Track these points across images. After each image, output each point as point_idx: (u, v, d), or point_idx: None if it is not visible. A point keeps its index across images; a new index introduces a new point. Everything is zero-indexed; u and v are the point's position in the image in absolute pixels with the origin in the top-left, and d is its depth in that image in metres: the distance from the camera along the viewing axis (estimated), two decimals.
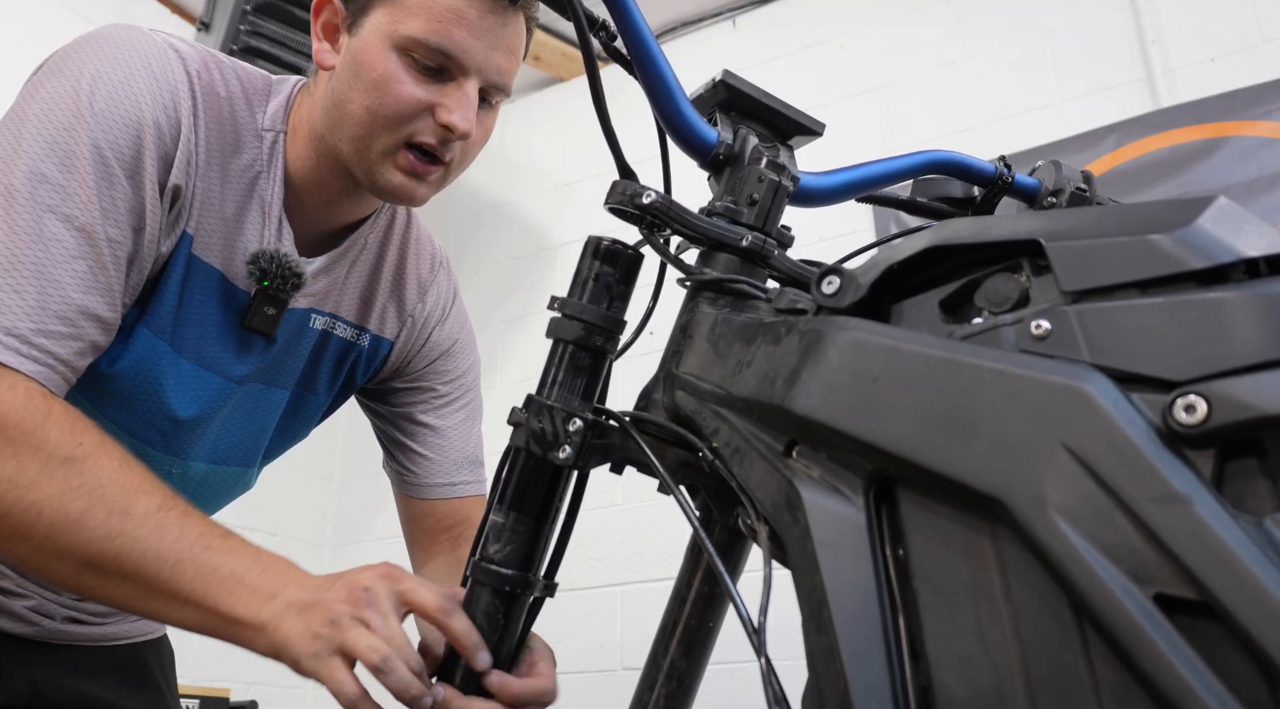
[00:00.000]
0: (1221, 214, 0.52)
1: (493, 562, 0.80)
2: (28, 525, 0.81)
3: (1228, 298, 0.49)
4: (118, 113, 0.92)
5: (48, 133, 0.90)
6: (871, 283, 0.63)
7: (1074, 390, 0.51)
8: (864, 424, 0.58)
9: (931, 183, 1.00)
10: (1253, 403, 0.46)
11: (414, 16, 0.97)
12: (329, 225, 1.13)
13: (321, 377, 1.20)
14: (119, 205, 0.92)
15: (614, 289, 0.82)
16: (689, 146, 0.81)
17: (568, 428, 0.78)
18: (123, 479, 0.83)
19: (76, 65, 0.93)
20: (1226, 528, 0.46)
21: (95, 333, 0.92)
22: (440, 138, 1.01)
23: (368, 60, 0.99)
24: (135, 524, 0.81)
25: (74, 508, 0.81)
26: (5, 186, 0.88)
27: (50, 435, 0.83)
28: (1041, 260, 0.56)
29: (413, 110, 0.99)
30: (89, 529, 0.81)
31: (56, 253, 0.88)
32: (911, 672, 0.56)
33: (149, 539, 0.81)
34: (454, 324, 1.30)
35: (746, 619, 0.64)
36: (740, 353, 0.69)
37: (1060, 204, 0.98)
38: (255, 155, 1.05)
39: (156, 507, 0.82)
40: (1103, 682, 0.49)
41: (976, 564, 0.54)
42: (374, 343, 1.23)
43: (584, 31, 0.80)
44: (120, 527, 0.81)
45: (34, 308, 0.86)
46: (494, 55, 1.01)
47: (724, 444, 0.68)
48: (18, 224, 0.87)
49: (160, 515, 0.82)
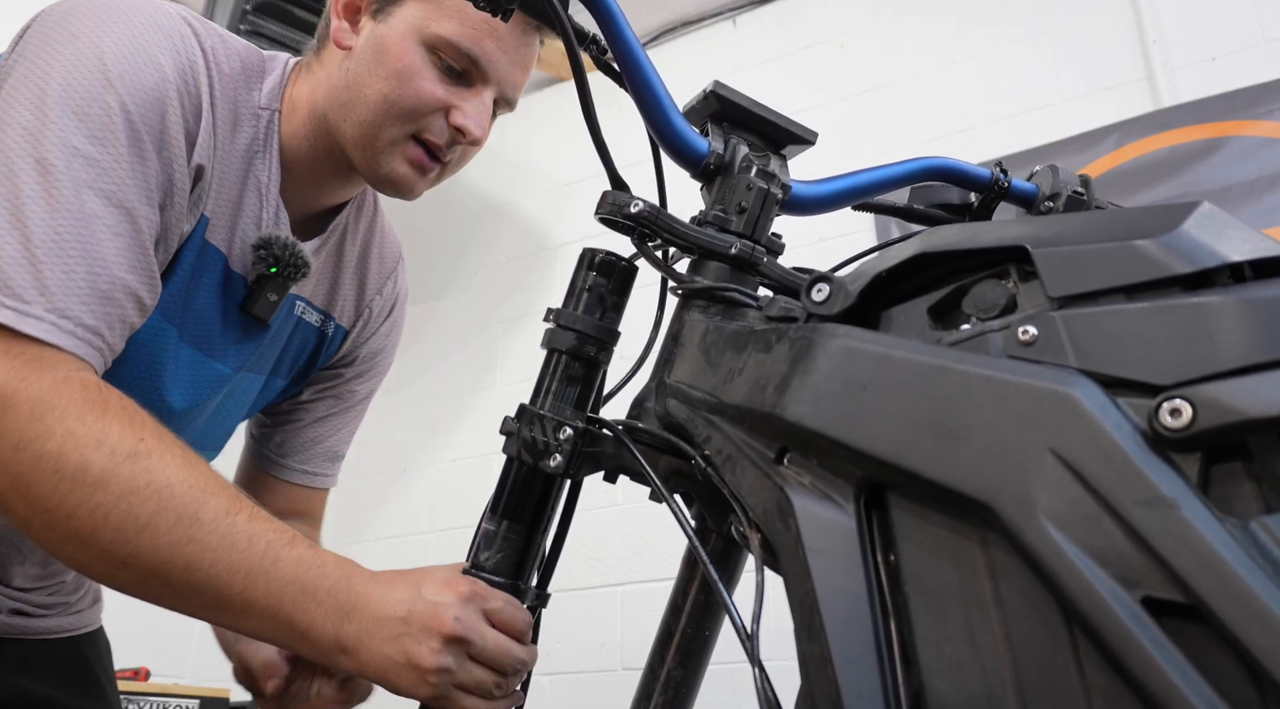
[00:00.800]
0: (1206, 219, 0.53)
1: (483, 570, 0.81)
2: (93, 529, 0.75)
3: (1212, 302, 0.49)
4: (144, 82, 0.88)
5: (75, 102, 0.84)
6: (860, 290, 0.63)
7: (1061, 396, 0.51)
8: (854, 431, 0.58)
9: (929, 190, 1.00)
10: (1237, 406, 0.47)
11: (449, 18, 0.99)
12: (314, 208, 1.13)
13: (286, 362, 1.19)
14: (150, 181, 0.89)
15: (607, 300, 0.82)
16: (680, 157, 0.82)
17: (558, 436, 0.78)
18: (189, 478, 0.77)
19: (92, 30, 0.88)
20: (1213, 531, 0.46)
21: (135, 314, 0.88)
22: (449, 139, 1.03)
23: (393, 49, 1.00)
24: (205, 531, 0.76)
25: (143, 511, 0.75)
26: (40, 161, 0.82)
27: (112, 430, 0.77)
28: (1028, 266, 0.57)
29: (430, 107, 1.01)
30: (158, 535, 0.75)
31: (99, 230, 0.83)
32: (903, 677, 0.56)
33: (219, 548, 0.76)
34: (395, 322, 1.30)
35: (741, 629, 0.64)
36: (731, 361, 0.70)
37: (1057, 208, 0.98)
38: (253, 134, 1.03)
39: (224, 511, 0.77)
40: (1093, 685, 0.49)
41: (967, 570, 0.54)
42: (335, 332, 1.22)
43: (571, 46, 0.81)
44: (190, 533, 0.75)
45: (84, 289, 0.82)
46: (514, 70, 1.03)
47: (716, 452, 0.69)
48: (58, 201, 0.82)
49: (229, 521, 0.77)
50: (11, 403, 0.75)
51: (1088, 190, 1.00)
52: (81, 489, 0.74)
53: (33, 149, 0.82)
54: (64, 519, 0.75)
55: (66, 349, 0.80)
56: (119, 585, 0.79)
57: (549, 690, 2.94)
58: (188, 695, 2.88)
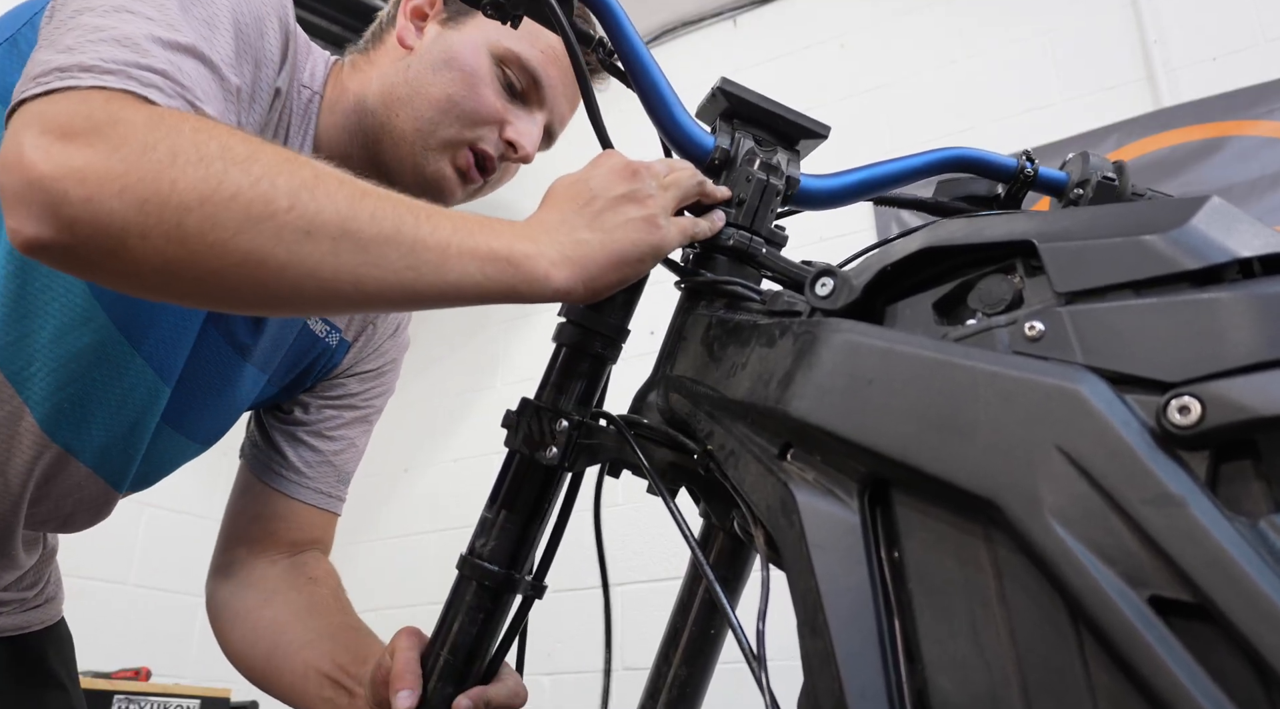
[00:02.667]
0: (1215, 214, 0.52)
1: (480, 556, 0.81)
2: (265, 201, 0.64)
3: (1222, 298, 0.49)
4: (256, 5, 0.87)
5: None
6: (865, 285, 0.63)
7: (1068, 392, 0.50)
8: (858, 427, 0.57)
9: (954, 183, 0.97)
10: (1247, 404, 0.46)
11: (521, 38, 1.02)
12: None
13: (282, 368, 1.16)
14: (230, 89, 0.81)
15: (616, 297, 0.82)
16: (686, 153, 0.82)
17: (554, 428, 0.79)
18: (290, 157, 0.68)
19: None
20: (1221, 530, 0.46)
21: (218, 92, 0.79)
22: (500, 152, 1.05)
23: (463, 54, 1.02)
24: (365, 187, 0.69)
25: (305, 173, 0.66)
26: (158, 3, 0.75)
27: (187, 128, 0.66)
28: (1035, 261, 0.56)
29: (490, 116, 1.03)
30: (332, 193, 0.67)
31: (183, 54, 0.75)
32: (906, 674, 0.56)
33: (388, 197, 0.69)
34: (401, 340, 1.29)
35: (745, 645, 0.64)
36: (735, 355, 0.69)
37: (1087, 195, 0.95)
38: (293, 106, 1.01)
39: (342, 179, 0.69)
40: (1098, 685, 0.48)
41: (971, 567, 0.54)
42: (339, 344, 1.21)
43: (573, 48, 0.81)
44: (354, 186, 0.68)
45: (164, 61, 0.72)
46: (565, 104, 1.08)
47: (719, 447, 0.68)
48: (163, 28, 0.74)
49: (352, 184, 0.69)
50: (119, 119, 0.65)
51: (1121, 177, 0.96)
52: (234, 168, 0.64)
53: None
54: (228, 200, 0.63)
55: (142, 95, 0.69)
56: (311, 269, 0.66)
57: (549, 690, 2.93)
58: (188, 695, 2.88)
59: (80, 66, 0.67)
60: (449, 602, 0.83)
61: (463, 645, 0.81)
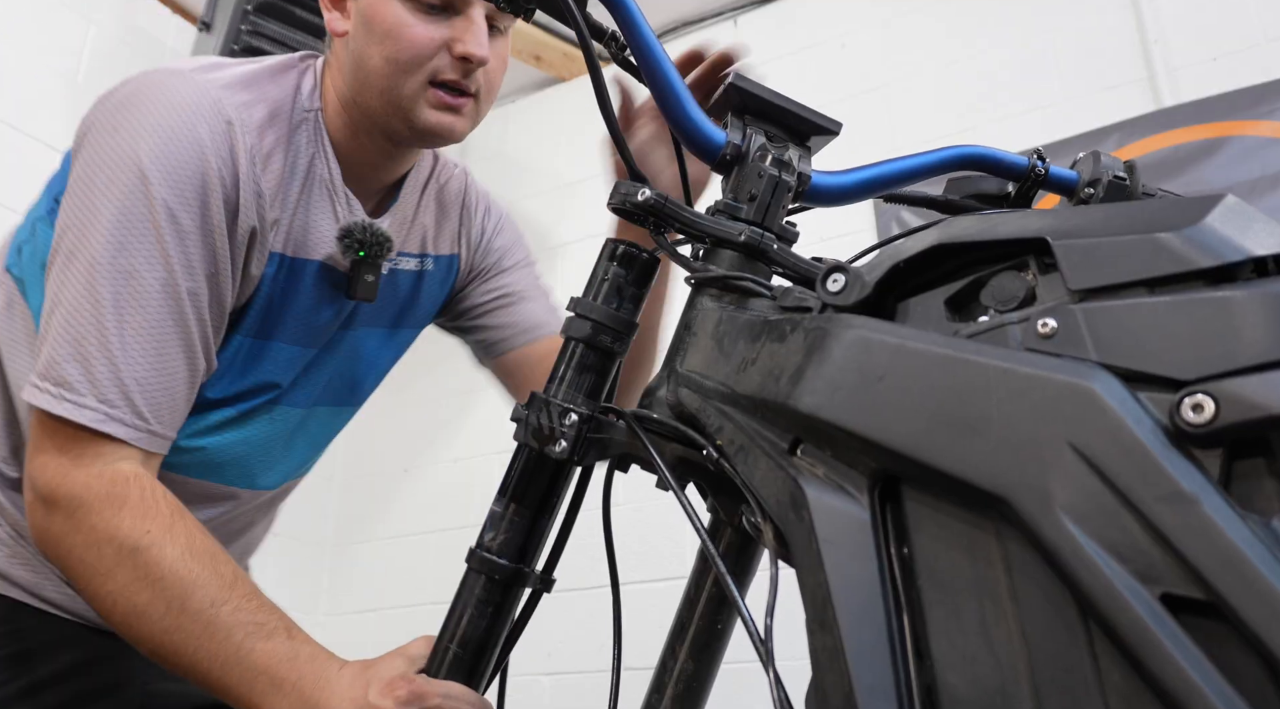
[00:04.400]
0: (1230, 212, 0.52)
1: (489, 551, 0.81)
2: (109, 611, 0.87)
3: (1236, 296, 0.49)
4: (181, 172, 0.96)
5: (119, 200, 0.94)
6: (877, 281, 0.62)
7: (1081, 389, 0.50)
8: (869, 422, 0.57)
9: (965, 181, 0.97)
10: (1261, 402, 0.46)
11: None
12: (381, 184, 1.18)
13: (402, 312, 1.27)
14: (192, 259, 0.96)
15: (625, 290, 0.82)
16: (697, 148, 0.82)
17: (563, 422, 0.79)
18: (182, 569, 0.86)
19: (132, 125, 0.97)
20: (1234, 528, 0.46)
21: (184, 386, 0.97)
22: (462, 71, 1.05)
23: (376, 14, 1.04)
24: (189, 620, 0.85)
25: (140, 600, 0.86)
26: (88, 259, 0.93)
27: (124, 524, 0.87)
28: (1048, 259, 0.56)
29: (429, 49, 1.04)
30: (152, 621, 0.85)
31: (143, 320, 0.93)
32: (916, 671, 0.55)
33: (200, 638, 0.84)
34: (495, 211, 1.37)
35: (754, 633, 0.64)
36: (745, 350, 0.69)
37: (1098, 195, 0.95)
38: (306, 138, 1.09)
39: (210, 602, 0.85)
40: (1109, 682, 0.48)
41: (982, 563, 0.54)
42: (441, 262, 1.29)
43: (586, 41, 0.81)
44: (177, 622, 0.85)
45: (127, 377, 0.91)
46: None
47: (728, 442, 0.68)
48: (102, 296, 0.92)
49: (212, 612, 0.85)
50: (54, 501, 0.90)
51: (1132, 176, 0.96)
52: (97, 578, 0.87)
53: (89, 252, 0.93)
54: (92, 599, 0.88)
55: (114, 436, 0.91)
56: (142, 653, 0.89)
57: (549, 690, 2.93)
58: None
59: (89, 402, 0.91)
60: (458, 595, 0.82)
61: (472, 639, 0.81)
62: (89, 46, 3.21)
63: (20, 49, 3.00)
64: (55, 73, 3.09)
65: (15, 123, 2.96)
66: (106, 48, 3.26)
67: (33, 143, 3.00)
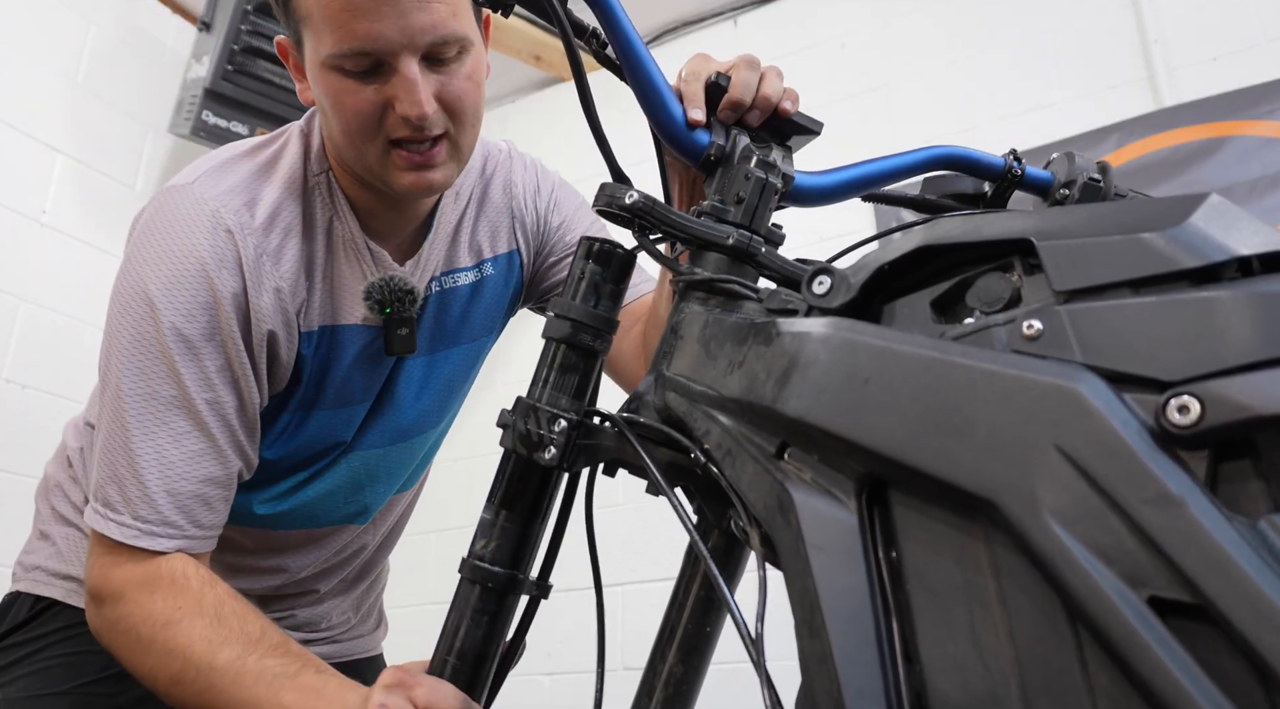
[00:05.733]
0: (1214, 212, 0.52)
1: (479, 559, 0.81)
2: (153, 684, 0.95)
3: (1220, 297, 0.49)
4: (185, 293, 1.00)
5: (132, 331, 1.01)
6: (862, 283, 0.62)
7: (1066, 391, 0.50)
8: (855, 426, 0.57)
9: (941, 180, 0.97)
10: (1246, 403, 0.46)
11: (323, 33, 0.96)
12: (408, 226, 1.16)
13: (477, 324, 1.27)
14: (208, 372, 1.01)
15: (603, 288, 0.82)
16: (681, 149, 0.81)
17: (553, 428, 0.78)
18: (210, 634, 0.93)
19: (140, 255, 1.03)
20: (1221, 530, 0.45)
21: (219, 488, 1.03)
22: (413, 128, 0.98)
23: (320, 89, 1.01)
24: (219, 676, 0.91)
25: (175, 668, 0.93)
26: (113, 388, 1.01)
27: (156, 604, 0.96)
28: (1033, 259, 0.56)
29: (373, 115, 0.98)
30: (187, 685, 0.92)
31: (167, 436, 1.00)
32: (905, 675, 0.55)
33: (230, 689, 0.90)
34: (545, 187, 1.32)
35: (744, 631, 0.63)
36: (731, 354, 0.69)
37: (1073, 196, 0.95)
38: (321, 202, 1.10)
39: (237, 655, 0.91)
40: (1097, 685, 0.48)
41: (970, 567, 0.53)
42: (500, 262, 1.27)
43: (569, 38, 0.81)
44: (208, 681, 0.91)
45: (156, 492, 0.99)
46: (409, 20, 0.94)
47: (716, 446, 0.68)
48: (128, 421, 0.99)
49: (239, 663, 0.91)
50: (102, 598, 1.00)
51: (1105, 177, 0.97)
52: (139, 656, 0.96)
53: (114, 379, 1.01)
54: (142, 677, 0.97)
55: (146, 548, 0.99)
56: None
57: (549, 690, 2.93)
58: None
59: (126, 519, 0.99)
60: (452, 606, 0.82)
61: (470, 649, 0.81)
62: (89, 46, 3.22)
63: (20, 49, 3.00)
64: (55, 73, 3.10)
65: (15, 123, 2.96)
66: (106, 48, 3.27)
67: (33, 143, 3.00)
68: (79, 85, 3.16)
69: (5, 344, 2.86)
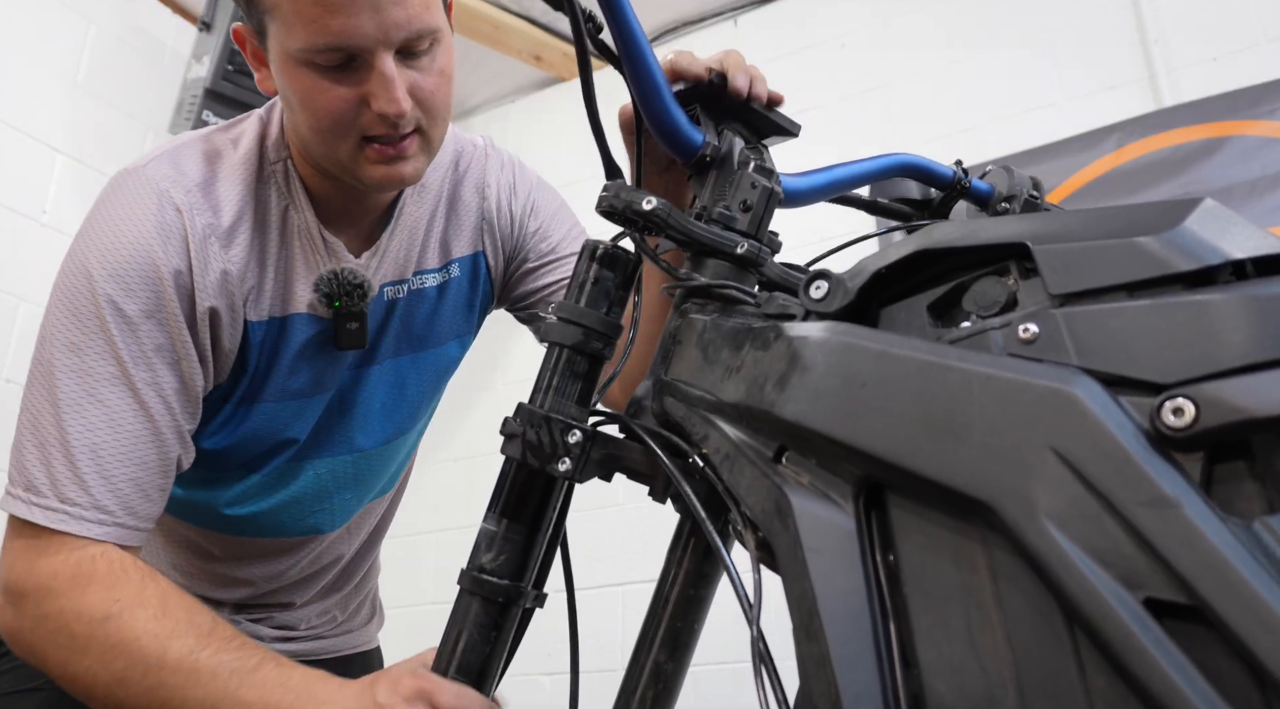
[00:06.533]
0: (1208, 216, 0.52)
1: (485, 571, 0.79)
2: (90, 686, 0.87)
3: (1215, 300, 0.49)
4: (125, 266, 0.96)
5: (68, 304, 0.96)
6: (859, 287, 0.62)
7: (1062, 394, 0.50)
8: (853, 430, 0.57)
9: (890, 184, 1.01)
10: (1241, 405, 0.46)
11: (294, 28, 0.92)
12: (367, 217, 1.13)
13: (429, 328, 1.22)
14: (146, 350, 0.96)
15: (613, 294, 0.80)
16: (673, 146, 0.80)
17: (567, 440, 0.76)
18: (156, 628, 0.86)
19: (86, 235, 0.99)
20: (1216, 531, 0.46)
21: (155, 474, 0.97)
22: (389, 124, 0.96)
23: (289, 83, 0.96)
24: (170, 673, 0.85)
25: (117, 666, 0.86)
26: (44, 364, 0.96)
27: (92, 599, 0.88)
28: (1029, 264, 0.56)
29: (347, 112, 0.95)
30: (133, 684, 0.85)
31: (101, 416, 0.94)
32: (903, 678, 0.56)
33: (185, 686, 0.84)
34: (522, 189, 1.29)
35: (743, 595, 0.63)
36: (729, 358, 0.69)
37: (1014, 210, 0.99)
38: (277, 191, 1.06)
39: (189, 650, 0.85)
40: (1094, 687, 0.48)
41: (967, 570, 0.54)
42: (465, 264, 1.23)
43: (578, 23, 0.79)
44: (159, 678, 0.85)
45: (88, 475, 0.92)
46: (384, 15, 0.91)
47: (714, 450, 0.68)
48: (59, 398, 0.93)
49: (192, 659, 0.85)
50: (23, 592, 0.91)
51: (1040, 193, 1.02)
52: (74, 656, 0.87)
53: (46, 355, 0.96)
54: (73, 681, 0.88)
55: (74, 533, 0.91)
56: None
57: (549, 690, 2.93)
58: None
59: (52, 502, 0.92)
60: (452, 621, 0.80)
61: (473, 665, 0.79)
62: (89, 46, 3.22)
63: (20, 49, 3.00)
64: (55, 73, 3.10)
65: (15, 123, 2.96)
66: (106, 48, 3.27)
67: (33, 143, 3.00)
68: (79, 85, 3.16)
69: (5, 344, 2.86)
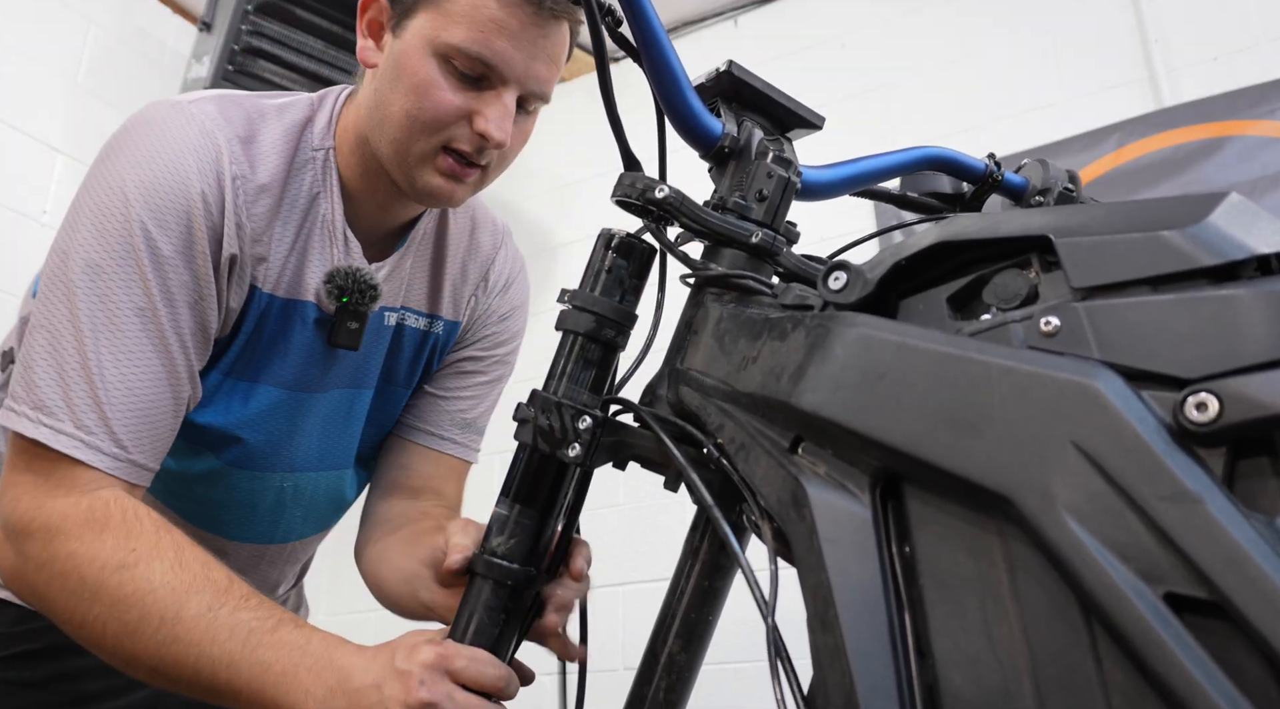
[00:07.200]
0: (1234, 210, 0.52)
1: (496, 555, 0.79)
2: (99, 636, 0.84)
3: (1239, 295, 0.49)
4: (163, 197, 0.94)
5: (99, 224, 0.92)
6: (879, 279, 0.62)
7: (1084, 388, 0.50)
8: (871, 421, 0.57)
9: (920, 178, 1.00)
10: (1265, 401, 0.46)
11: (457, 24, 0.97)
12: (388, 226, 1.14)
13: (401, 369, 1.22)
14: (171, 285, 0.94)
15: (627, 282, 0.81)
16: (693, 137, 0.80)
17: (577, 425, 0.77)
18: (173, 580, 0.84)
19: (122, 155, 0.95)
20: (1238, 527, 0.46)
21: (168, 415, 0.95)
22: (476, 145, 1.01)
23: (409, 64, 0.99)
24: (186, 629, 0.82)
25: (130, 617, 0.83)
26: (65, 282, 0.91)
27: (106, 546, 0.85)
28: (1051, 256, 0.56)
29: (451, 117, 0.99)
30: (145, 637, 0.82)
31: (121, 345, 0.91)
32: (917, 669, 0.55)
33: (201, 643, 0.81)
34: (515, 293, 1.31)
35: (757, 593, 0.63)
36: (746, 348, 0.69)
37: (1048, 203, 0.97)
38: (312, 177, 1.06)
39: (207, 606, 0.83)
40: (1111, 682, 0.48)
41: (984, 562, 0.54)
42: (446, 328, 1.24)
43: (594, 18, 0.79)
44: (173, 632, 0.82)
45: (106, 404, 0.89)
46: (534, 65, 1.00)
47: (729, 440, 0.68)
48: (81, 321, 0.89)
49: (210, 616, 0.82)
50: (29, 531, 0.87)
51: (1076, 186, 1.00)
52: (83, 603, 0.84)
53: (65, 272, 0.91)
54: (79, 628, 0.86)
55: (88, 463, 0.88)
56: (141, 679, 0.86)
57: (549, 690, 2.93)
58: None
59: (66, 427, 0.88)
60: (464, 604, 0.81)
61: (483, 647, 0.79)
62: (89, 46, 3.21)
63: (20, 49, 2.99)
64: (55, 73, 3.09)
65: (15, 123, 2.95)
66: (106, 48, 3.26)
67: (33, 143, 2.99)
68: (79, 85, 3.14)
69: None
